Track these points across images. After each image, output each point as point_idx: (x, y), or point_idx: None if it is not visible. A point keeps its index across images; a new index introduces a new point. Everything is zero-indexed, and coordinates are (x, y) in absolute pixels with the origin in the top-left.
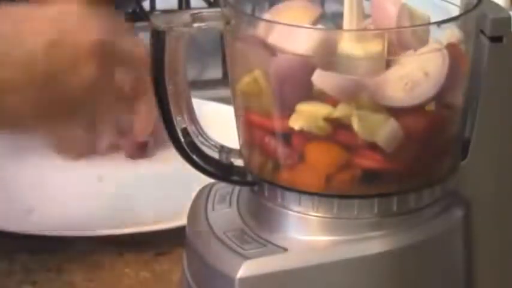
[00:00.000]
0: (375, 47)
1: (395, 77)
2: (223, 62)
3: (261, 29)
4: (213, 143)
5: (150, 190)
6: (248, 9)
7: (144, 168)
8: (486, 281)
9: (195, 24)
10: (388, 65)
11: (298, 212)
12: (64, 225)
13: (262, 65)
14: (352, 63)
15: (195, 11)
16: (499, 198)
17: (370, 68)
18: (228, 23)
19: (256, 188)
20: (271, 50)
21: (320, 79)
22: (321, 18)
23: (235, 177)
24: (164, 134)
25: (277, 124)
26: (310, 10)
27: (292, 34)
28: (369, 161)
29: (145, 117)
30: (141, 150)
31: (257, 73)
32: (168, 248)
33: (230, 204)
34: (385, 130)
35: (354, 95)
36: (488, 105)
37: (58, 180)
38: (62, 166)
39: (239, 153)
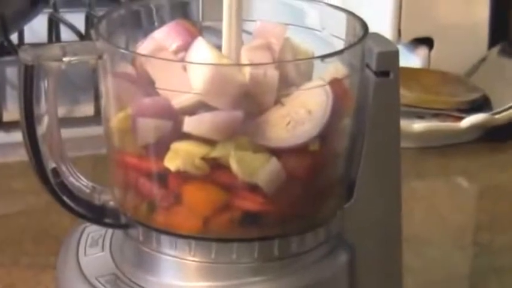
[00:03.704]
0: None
1: (277, 116)
2: (95, 98)
3: (135, 64)
4: (84, 183)
5: None
6: (122, 42)
7: None
8: None
9: (66, 58)
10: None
11: (175, 257)
12: None
13: (135, 101)
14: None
15: (66, 44)
16: (384, 242)
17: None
18: (100, 57)
19: (130, 231)
20: (143, 87)
21: (191, 126)
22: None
23: (108, 220)
24: None
25: (151, 164)
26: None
27: (165, 69)
28: (248, 203)
29: None
30: None
31: (130, 110)
32: None
33: (103, 248)
34: (265, 171)
35: (231, 135)
36: (373, 144)
37: None
38: None
39: (112, 194)
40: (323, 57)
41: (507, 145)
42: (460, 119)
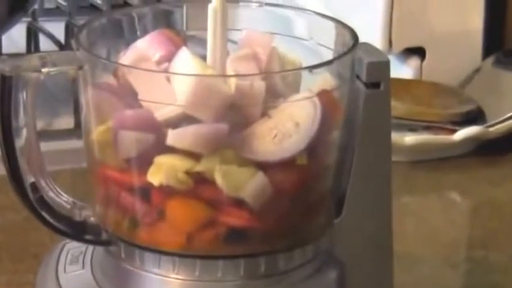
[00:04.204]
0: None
1: (264, 128)
2: (75, 110)
3: (117, 74)
4: (64, 198)
5: None
6: (103, 52)
7: None
8: None
9: (45, 69)
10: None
11: (158, 275)
12: None
13: (117, 113)
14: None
15: (45, 54)
16: (375, 258)
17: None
18: (81, 67)
19: (112, 248)
20: (125, 98)
21: (175, 139)
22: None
23: (88, 236)
24: None
25: (133, 178)
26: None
27: (148, 80)
28: (234, 219)
29: None
30: None
31: (112, 123)
32: None
33: (83, 265)
34: (252, 185)
35: (216, 149)
36: (363, 158)
37: None
38: None
39: (93, 210)
40: (311, 68)
41: (502, 159)
42: (453, 131)
